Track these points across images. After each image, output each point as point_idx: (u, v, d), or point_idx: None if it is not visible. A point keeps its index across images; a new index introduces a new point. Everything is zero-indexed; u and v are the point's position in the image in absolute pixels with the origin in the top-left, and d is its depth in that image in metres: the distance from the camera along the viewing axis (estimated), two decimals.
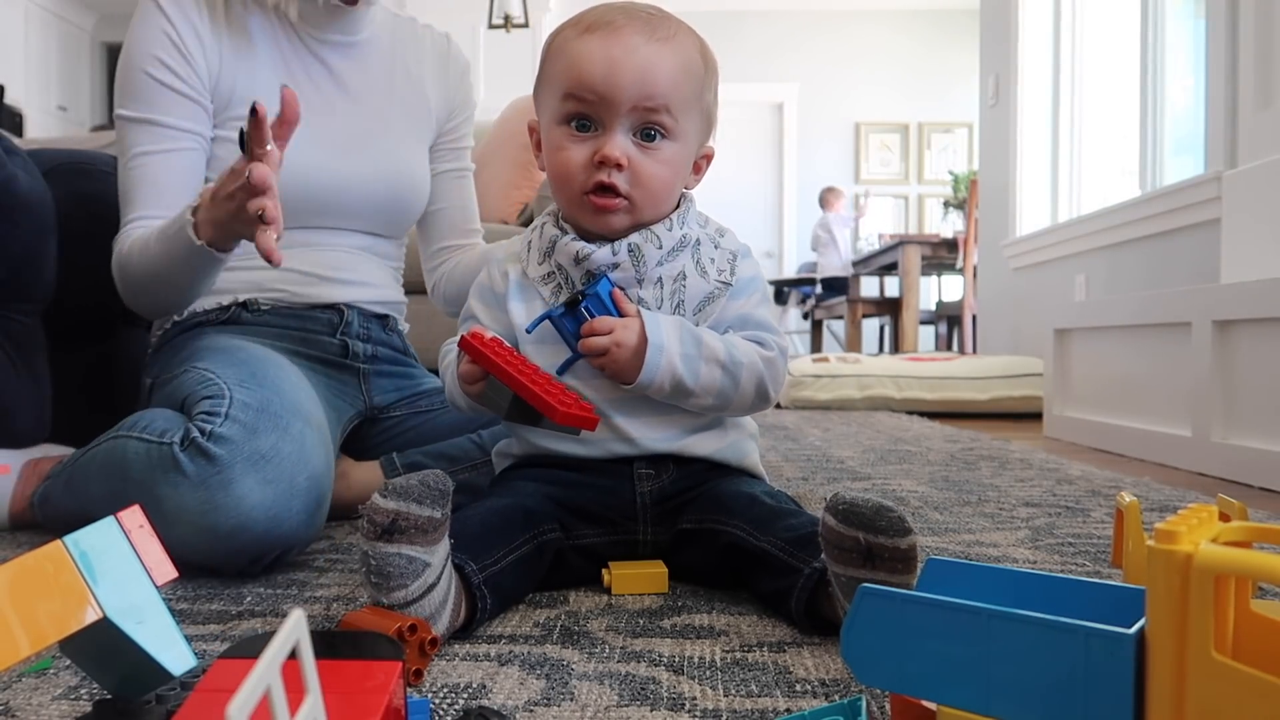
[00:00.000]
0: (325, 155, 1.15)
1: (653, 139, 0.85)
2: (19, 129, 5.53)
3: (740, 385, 0.85)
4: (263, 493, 0.87)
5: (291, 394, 0.97)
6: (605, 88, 0.82)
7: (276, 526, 0.88)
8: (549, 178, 0.89)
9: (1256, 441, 1.68)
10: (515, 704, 0.59)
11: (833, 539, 0.66)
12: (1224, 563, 0.36)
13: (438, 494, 0.67)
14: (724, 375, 0.84)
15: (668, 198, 0.88)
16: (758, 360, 0.86)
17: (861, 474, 1.65)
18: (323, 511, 0.95)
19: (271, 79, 1.13)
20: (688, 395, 0.84)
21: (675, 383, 0.83)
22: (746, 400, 0.87)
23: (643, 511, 0.88)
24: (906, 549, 0.65)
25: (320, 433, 0.97)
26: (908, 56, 7.37)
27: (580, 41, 0.84)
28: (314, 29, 1.17)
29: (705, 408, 0.87)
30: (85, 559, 0.46)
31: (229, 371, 0.97)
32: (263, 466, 0.88)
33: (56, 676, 0.65)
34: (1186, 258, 2.54)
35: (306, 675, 0.30)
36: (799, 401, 3.45)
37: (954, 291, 5.74)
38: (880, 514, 0.65)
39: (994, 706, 0.41)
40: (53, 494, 1.09)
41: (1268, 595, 0.86)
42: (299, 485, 0.90)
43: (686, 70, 0.86)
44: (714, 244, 0.91)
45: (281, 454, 0.89)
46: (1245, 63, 2.19)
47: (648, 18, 0.86)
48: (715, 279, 0.89)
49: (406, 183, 1.23)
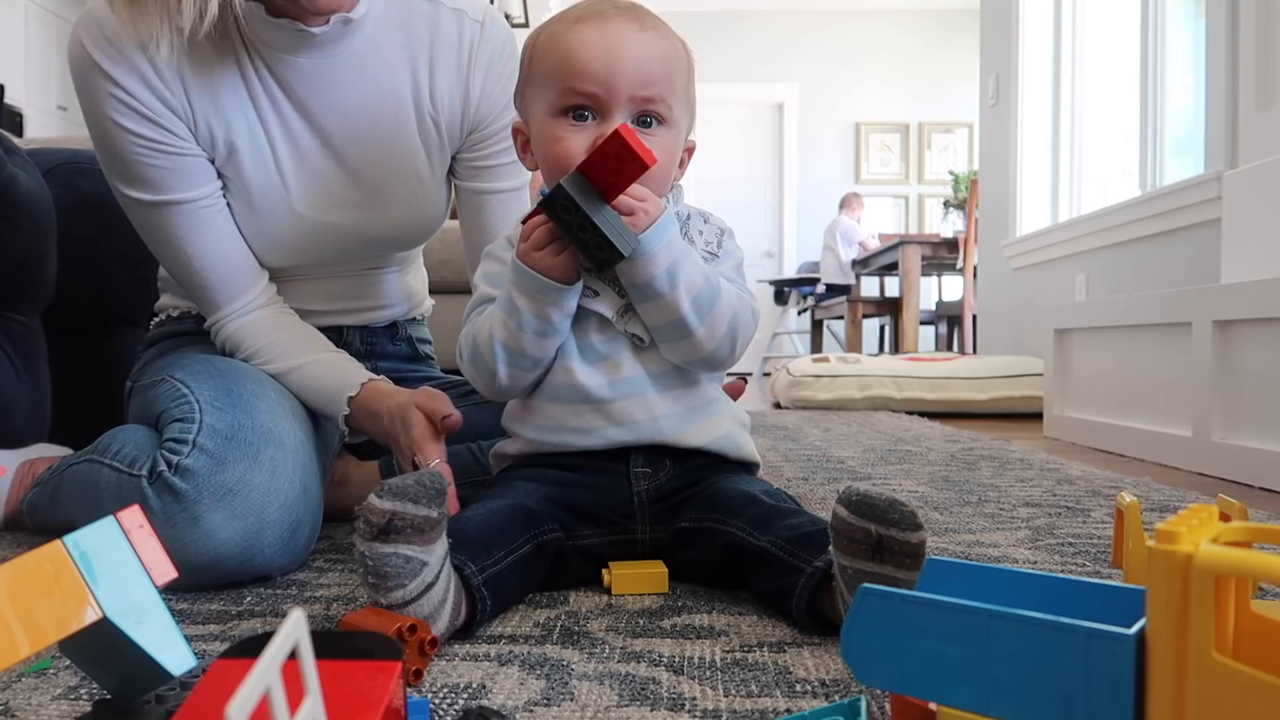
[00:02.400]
0: (307, 215, 1.05)
1: (650, 126, 0.86)
2: (19, 129, 5.53)
3: (717, 305, 0.84)
4: (231, 528, 0.85)
5: (266, 415, 0.93)
6: (606, 75, 0.83)
7: (250, 560, 0.86)
8: (545, 171, 0.88)
9: (1256, 441, 1.68)
10: (515, 704, 0.59)
11: (844, 530, 0.66)
12: (1224, 563, 0.36)
13: (433, 493, 0.67)
14: (705, 284, 0.84)
15: (665, 183, 0.89)
16: (733, 297, 0.87)
17: (862, 474, 1.65)
18: (300, 536, 0.91)
19: (240, 121, 1.00)
20: (672, 285, 0.82)
21: (670, 262, 0.82)
22: (719, 329, 0.85)
23: (640, 510, 0.88)
24: (917, 544, 0.65)
25: (297, 454, 0.93)
26: (908, 56, 7.37)
27: (573, 33, 0.84)
28: (280, 51, 0.99)
29: (677, 317, 0.83)
30: (85, 559, 0.46)
31: (204, 388, 0.94)
32: (230, 501, 0.86)
33: (56, 676, 0.65)
34: (1186, 258, 2.54)
35: (306, 675, 0.30)
36: (799, 401, 3.45)
37: (954, 291, 5.74)
38: (893, 507, 0.65)
39: (994, 706, 0.41)
40: (39, 504, 1.09)
41: (1268, 595, 0.86)
42: (269, 517, 0.87)
43: (676, 59, 0.87)
44: (704, 220, 0.94)
45: (250, 485, 0.87)
46: (1245, 63, 2.19)
47: (633, 7, 0.87)
48: (702, 248, 0.90)
49: (405, 223, 1.12)
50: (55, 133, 5.92)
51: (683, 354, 0.87)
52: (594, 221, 0.77)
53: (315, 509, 0.95)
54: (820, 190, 7.35)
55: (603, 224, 0.78)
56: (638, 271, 0.82)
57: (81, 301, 1.50)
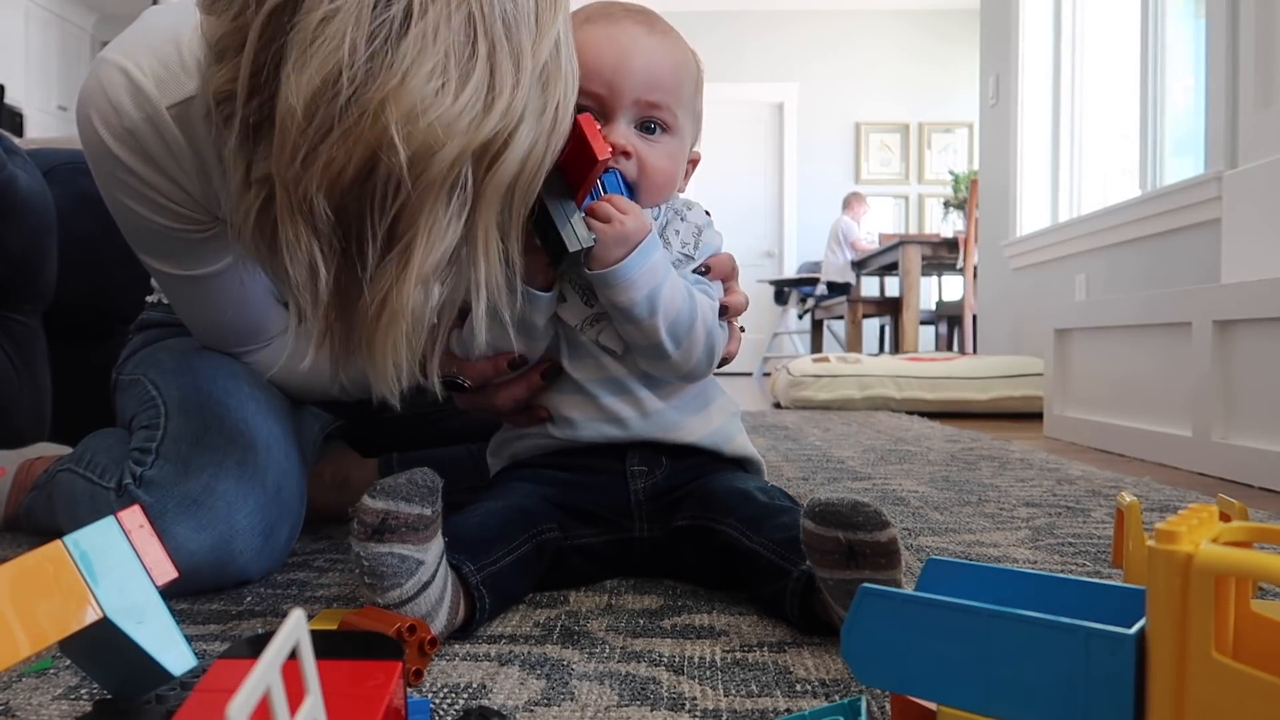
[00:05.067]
0: None
1: (653, 132, 0.85)
2: (19, 129, 5.53)
3: (694, 328, 0.83)
4: (199, 539, 0.83)
5: (237, 412, 0.90)
6: (613, 76, 0.82)
7: (223, 569, 0.85)
8: None
9: (1256, 441, 1.68)
10: (515, 704, 0.59)
11: (814, 543, 0.66)
12: (1224, 563, 0.36)
13: (426, 491, 0.66)
14: (683, 305, 0.83)
15: (668, 191, 0.88)
16: (708, 310, 0.85)
17: (862, 474, 1.65)
18: (277, 538, 0.89)
19: None
20: (651, 311, 0.81)
21: (651, 288, 0.80)
22: (695, 350, 0.84)
23: (638, 509, 0.88)
24: (887, 542, 0.65)
25: (270, 452, 0.89)
26: (908, 56, 7.37)
27: (581, 32, 0.83)
28: None
29: (655, 341, 0.83)
30: (85, 559, 0.46)
31: (173, 389, 0.92)
32: (195, 512, 0.84)
33: (56, 676, 0.65)
34: (1186, 258, 2.54)
35: (306, 675, 0.30)
36: (799, 401, 3.45)
37: (954, 291, 5.74)
38: (856, 510, 0.65)
39: (994, 706, 0.41)
40: (35, 509, 1.09)
41: (1268, 595, 0.86)
42: (238, 525, 0.85)
43: (684, 68, 0.86)
44: (681, 217, 0.90)
45: (215, 494, 0.85)
46: (1245, 63, 2.19)
47: (643, 11, 0.86)
48: (678, 250, 0.88)
49: None
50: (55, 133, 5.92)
51: (659, 370, 0.86)
52: (547, 211, 0.76)
53: (293, 507, 0.92)
54: (820, 190, 7.35)
55: (555, 214, 0.76)
56: (617, 296, 0.80)
57: (81, 301, 1.50)
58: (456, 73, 0.61)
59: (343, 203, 0.63)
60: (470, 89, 0.61)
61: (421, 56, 0.59)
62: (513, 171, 0.66)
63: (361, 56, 0.59)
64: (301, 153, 0.61)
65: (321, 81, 0.59)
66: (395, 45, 0.59)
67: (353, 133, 0.60)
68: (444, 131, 0.60)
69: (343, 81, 0.59)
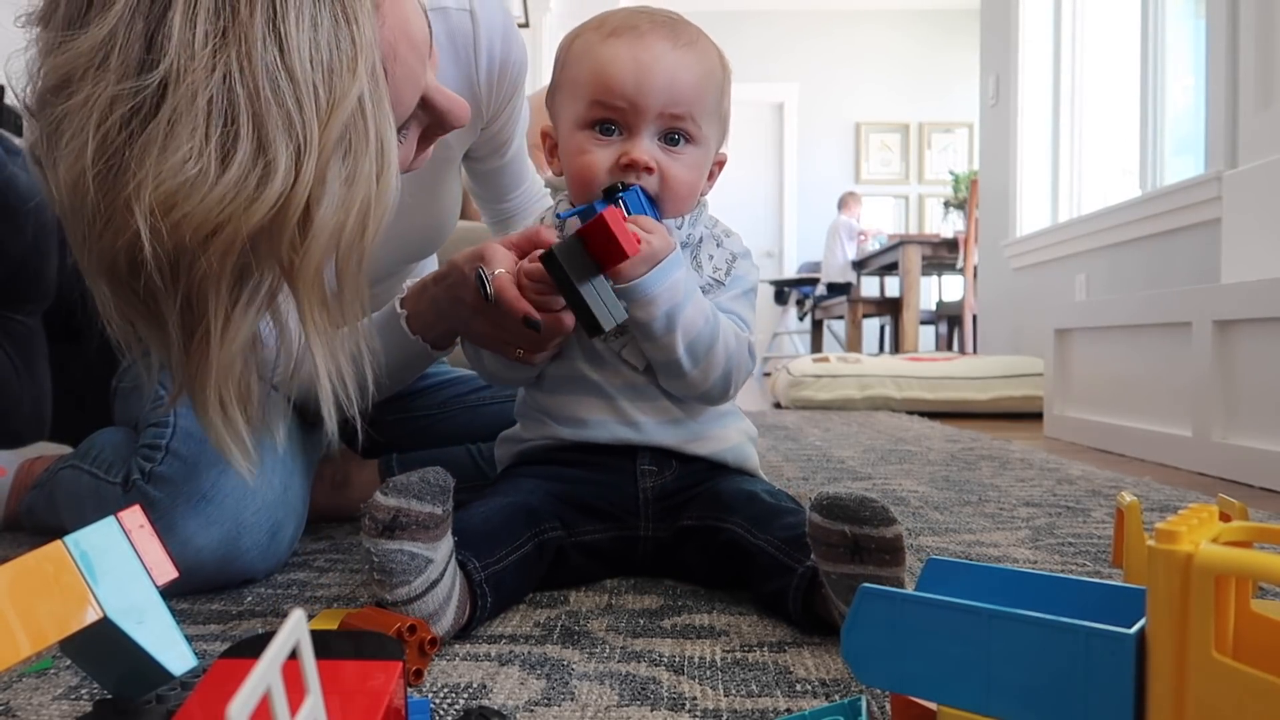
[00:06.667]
0: None
1: (676, 144, 0.85)
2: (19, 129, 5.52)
3: (714, 350, 0.84)
4: (207, 534, 0.84)
5: None
6: (635, 94, 0.82)
7: (228, 565, 0.86)
8: (569, 180, 0.88)
9: (1256, 441, 1.68)
10: (515, 704, 0.59)
11: (819, 536, 0.67)
12: (1224, 563, 0.36)
13: (438, 490, 0.67)
14: (704, 327, 0.83)
15: (690, 201, 0.88)
16: (732, 338, 0.86)
17: (862, 474, 1.65)
18: (282, 537, 0.90)
19: None
20: (669, 329, 0.82)
21: (672, 304, 0.81)
22: (713, 372, 0.85)
23: (645, 507, 0.88)
24: (892, 538, 0.65)
25: (275, 452, 0.90)
26: (908, 56, 7.37)
27: (606, 47, 0.83)
28: None
29: (672, 359, 0.83)
30: (85, 559, 0.46)
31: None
32: (203, 508, 0.84)
33: (56, 676, 0.65)
34: (1186, 258, 2.54)
35: (306, 675, 0.30)
36: (799, 401, 3.45)
37: (954, 291, 5.74)
38: (864, 505, 0.66)
39: (994, 706, 0.41)
40: (36, 507, 1.09)
41: (1268, 595, 0.86)
42: (245, 521, 0.86)
43: (710, 77, 0.86)
44: (717, 243, 0.91)
45: (223, 491, 0.85)
46: (1245, 63, 2.19)
47: (669, 22, 0.86)
48: (709, 275, 0.89)
49: (424, 234, 1.09)
50: None
51: (675, 388, 0.87)
52: (577, 290, 0.77)
53: (297, 508, 0.93)
54: (820, 190, 7.35)
55: (588, 296, 0.77)
56: (637, 310, 0.81)
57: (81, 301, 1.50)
58: (217, 152, 0.54)
59: (131, 290, 0.59)
60: (236, 167, 0.54)
61: (171, 140, 0.53)
62: (323, 250, 0.59)
63: (108, 150, 0.54)
64: (82, 246, 0.59)
65: (73, 182, 0.55)
66: (139, 132, 0.54)
67: (109, 230, 0.56)
68: (205, 219, 0.54)
69: (87, 180, 0.54)
